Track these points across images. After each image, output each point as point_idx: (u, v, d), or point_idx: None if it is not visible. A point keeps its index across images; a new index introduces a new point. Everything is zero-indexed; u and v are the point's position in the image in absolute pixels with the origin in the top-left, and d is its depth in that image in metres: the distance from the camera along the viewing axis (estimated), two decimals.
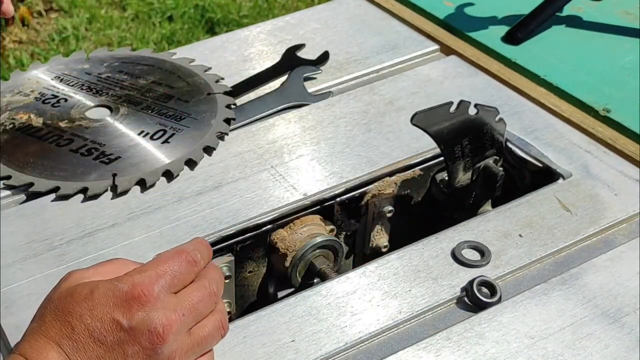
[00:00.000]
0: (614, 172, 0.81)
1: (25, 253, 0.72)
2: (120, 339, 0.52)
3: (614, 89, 0.94)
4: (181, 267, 0.55)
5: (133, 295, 0.52)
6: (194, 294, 0.55)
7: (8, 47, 2.45)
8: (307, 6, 2.53)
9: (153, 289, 0.53)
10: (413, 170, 0.84)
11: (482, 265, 0.70)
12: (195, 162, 0.82)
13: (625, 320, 0.66)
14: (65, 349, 0.52)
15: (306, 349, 0.63)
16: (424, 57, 1.02)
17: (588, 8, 1.09)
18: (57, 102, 0.89)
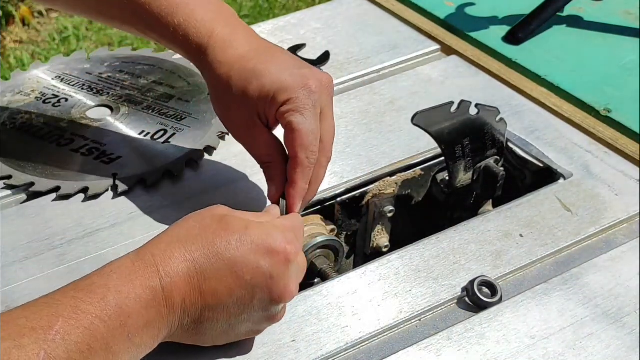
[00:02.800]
0: (615, 172, 0.81)
1: (26, 253, 0.72)
2: (256, 283, 0.57)
3: (614, 89, 0.94)
4: (302, 241, 0.64)
5: (285, 249, 0.58)
6: (302, 262, 0.61)
7: (9, 47, 2.45)
8: (307, 6, 2.53)
9: (298, 253, 0.60)
10: (414, 170, 0.84)
11: None
12: (196, 162, 0.82)
13: (626, 320, 0.66)
14: (198, 267, 0.56)
15: (307, 348, 0.63)
16: (425, 57, 1.01)
17: (589, 8, 1.09)
18: (58, 102, 0.89)
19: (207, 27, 0.71)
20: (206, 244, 0.56)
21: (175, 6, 0.71)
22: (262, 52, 0.71)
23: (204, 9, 0.72)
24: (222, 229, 0.57)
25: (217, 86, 0.71)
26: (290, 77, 0.68)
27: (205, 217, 0.58)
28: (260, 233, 0.57)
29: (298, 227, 0.63)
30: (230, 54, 0.70)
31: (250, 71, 0.69)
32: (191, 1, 0.72)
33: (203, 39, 0.71)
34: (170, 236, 0.58)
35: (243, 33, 0.72)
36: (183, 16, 0.71)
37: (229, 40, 0.71)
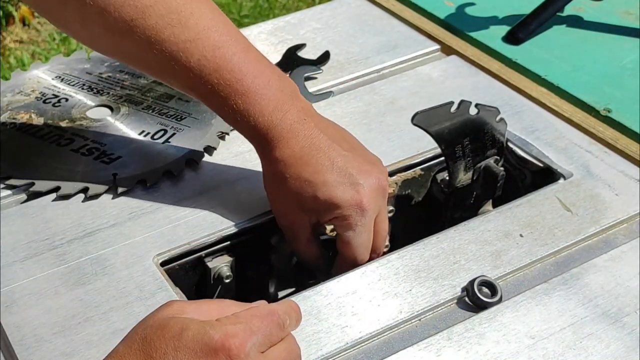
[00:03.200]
0: (615, 172, 0.81)
1: (26, 253, 0.72)
2: None
3: (614, 89, 0.94)
4: (272, 329, 0.54)
5: (223, 346, 0.50)
6: (282, 355, 0.54)
7: (9, 47, 2.45)
8: (307, 6, 2.53)
9: (245, 345, 0.51)
10: (414, 170, 0.84)
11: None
12: (196, 162, 0.82)
13: (626, 320, 0.66)
14: None
15: (306, 348, 0.63)
16: (425, 57, 1.01)
17: (589, 8, 1.09)
18: (58, 102, 0.89)
19: (267, 120, 0.70)
20: (147, 357, 0.51)
21: (235, 92, 0.70)
22: (319, 153, 0.70)
23: (265, 99, 0.70)
24: (158, 337, 0.51)
25: (272, 178, 0.72)
26: (344, 194, 0.69)
27: (146, 327, 0.53)
28: (194, 334, 0.51)
29: (257, 316, 0.54)
30: (287, 154, 0.70)
31: (306, 182, 0.69)
32: (252, 87, 0.70)
33: (261, 130, 0.70)
34: (114, 357, 0.53)
35: (301, 125, 0.71)
36: (242, 103, 0.70)
37: (285, 138, 0.70)
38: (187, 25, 0.69)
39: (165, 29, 0.69)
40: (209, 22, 0.70)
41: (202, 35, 0.69)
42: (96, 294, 0.68)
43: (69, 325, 0.65)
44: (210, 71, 0.69)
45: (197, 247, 0.74)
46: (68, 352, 0.63)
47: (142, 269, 0.70)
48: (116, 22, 0.69)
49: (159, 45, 0.69)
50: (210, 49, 0.69)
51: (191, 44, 0.69)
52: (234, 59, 0.70)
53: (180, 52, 0.69)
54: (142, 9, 0.68)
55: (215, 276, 0.75)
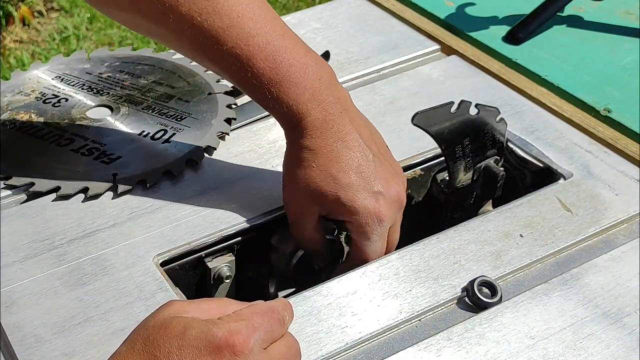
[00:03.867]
0: (615, 172, 0.81)
1: (26, 253, 0.72)
2: None
3: (614, 89, 0.94)
4: (273, 324, 0.54)
5: (227, 343, 0.51)
6: (283, 351, 0.55)
7: (9, 47, 2.45)
8: (307, 6, 2.53)
9: (249, 341, 0.51)
10: (414, 170, 0.84)
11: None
12: (196, 162, 0.82)
13: (626, 321, 0.66)
14: None
15: (307, 349, 0.63)
16: (425, 57, 1.01)
17: (589, 8, 1.09)
18: (58, 102, 0.89)
19: (301, 109, 0.69)
20: (151, 356, 0.51)
21: (268, 81, 0.69)
22: (349, 152, 0.70)
23: (300, 87, 0.69)
24: (161, 337, 0.52)
25: (295, 162, 0.71)
26: (364, 201, 0.69)
27: (148, 327, 0.53)
28: (198, 332, 0.51)
29: (258, 313, 0.54)
30: (318, 144, 0.70)
31: (331, 177, 0.69)
32: (286, 76, 0.69)
33: (294, 117, 0.70)
34: (117, 358, 0.53)
35: (336, 118, 0.70)
36: (277, 92, 0.69)
37: (319, 129, 0.69)
38: (221, 13, 0.68)
39: (198, 16, 0.68)
40: (244, 8, 0.69)
41: (235, 23, 0.68)
42: (96, 294, 0.68)
43: (69, 326, 0.65)
44: (244, 59, 0.68)
45: (197, 247, 0.74)
46: (68, 352, 0.63)
47: (142, 269, 0.70)
48: (150, 9, 0.68)
49: (192, 32, 0.68)
50: (244, 37, 0.68)
51: (224, 31, 0.68)
52: (268, 48, 0.69)
53: (214, 39, 0.68)
54: None
55: (215, 276, 0.75)
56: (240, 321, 0.52)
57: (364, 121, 0.74)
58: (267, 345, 0.53)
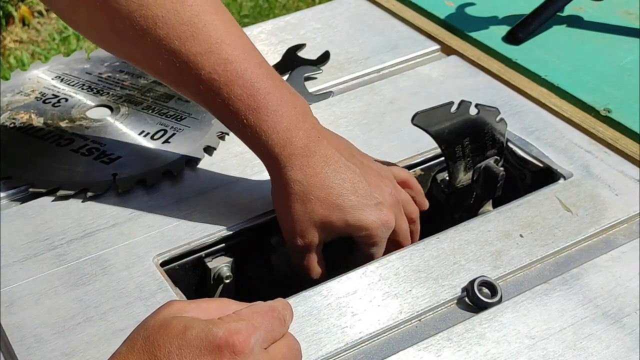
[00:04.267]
0: (615, 172, 0.81)
1: (26, 253, 0.72)
2: None
3: (614, 89, 0.94)
4: (274, 324, 0.54)
5: (227, 342, 0.50)
6: (284, 351, 0.54)
7: (9, 47, 2.45)
8: (307, 6, 2.53)
9: (249, 341, 0.51)
10: (414, 171, 0.84)
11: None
12: (196, 162, 0.82)
13: (626, 321, 0.66)
14: None
15: (306, 349, 0.63)
16: (425, 57, 1.01)
17: (589, 8, 1.09)
18: (58, 102, 0.89)
19: (281, 137, 0.69)
20: (151, 356, 0.51)
21: (246, 107, 0.68)
22: (339, 174, 0.70)
23: (277, 115, 0.69)
24: (161, 337, 0.51)
25: (290, 198, 0.70)
26: (371, 216, 0.70)
27: (148, 327, 0.53)
28: (198, 332, 0.51)
29: (258, 313, 0.54)
30: (308, 174, 0.69)
31: (333, 205, 0.69)
32: (264, 103, 0.68)
33: (274, 147, 0.69)
34: (117, 358, 0.53)
35: (316, 144, 0.70)
36: (254, 119, 0.68)
37: (303, 158, 0.69)
38: (199, 38, 0.67)
39: (176, 40, 0.67)
40: (222, 34, 0.68)
41: (213, 49, 0.68)
42: (96, 295, 0.68)
43: (69, 326, 0.65)
44: (221, 85, 0.68)
45: (197, 247, 0.74)
46: (68, 353, 0.63)
47: (142, 269, 0.70)
48: (126, 31, 0.67)
49: (169, 56, 0.68)
50: (222, 62, 0.68)
51: (202, 57, 0.67)
52: (246, 74, 0.68)
53: (191, 65, 0.68)
54: (153, 19, 0.66)
55: (215, 276, 0.75)
56: (240, 321, 0.52)
57: (336, 138, 0.74)
58: (267, 345, 0.53)
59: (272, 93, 0.69)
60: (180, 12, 0.67)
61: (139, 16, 0.66)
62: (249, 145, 0.71)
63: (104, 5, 0.66)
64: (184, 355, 0.50)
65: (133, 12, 0.66)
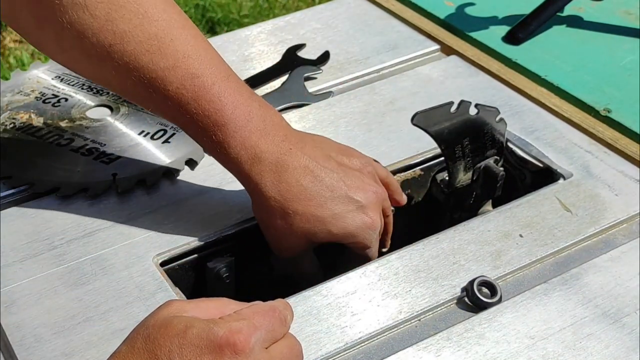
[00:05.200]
0: (615, 172, 0.81)
1: (26, 253, 0.72)
2: None
3: (614, 89, 0.94)
4: (274, 324, 0.54)
5: (228, 342, 0.50)
6: (284, 351, 0.54)
7: (8, 47, 2.45)
8: (307, 6, 2.53)
9: (250, 340, 0.51)
10: (413, 170, 0.84)
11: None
12: (196, 162, 0.82)
13: (625, 321, 0.66)
14: None
15: (306, 349, 0.63)
16: (425, 57, 1.01)
17: (589, 8, 1.09)
18: (58, 102, 0.89)
19: (250, 154, 0.68)
20: (152, 355, 0.51)
21: (214, 123, 0.67)
22: (315, 184, 0.69)
23: (245, 130, 0.68)
24: (162, 336, 0.51)
25: (271, 215, 0.69)
26: (354, 221, 0.70)
27: (148, 326, 0.53)
28: (199, 332, 0.51)
29: (259, 312, 0.54)
30: (283, 189, 0.68)
31: (314, 217, 0.69)
32: (232, 118, 0.67)
33: (245, 163, 0.68)
34: (117, 357, 0.53)
35: (289, 157, 0.69)
36: (222, 135, 0.68)
37: (276, 172, 0.68)
38: (166, 53, 0.67)
39: (143, 56, 0.66)
40: (189, 48, 0.67)
41: (180, 63, 0.67)
42: (96, 294, 0.68)
43: (69, 326, 0.65)
44: (189, 100, 0.67)
45: (197, 247, 0.74)
46: (68, 352, 0.63)
47: (142, 269, 0.70)
48: (94, 47, 0.66)
49: (137, 72, 0.67)
50: (189, 77, 0.67)
51: (169, 71, 0.67)
52: (214, 89, 0.67)
53: (159, 80, 0.67)
54: (120, 35, 0.66)
55: (214, 276, 0.75)
56: (241, 320, 0.52)
57: (312, 142, 0.72)
58: (268, 344, 0.53)
59: (239, 107, 0.68)
60: (146, 27, 0.66)
61: (107, 31, 0.65)
62: (220, 162, 0.70)
63: (71, 23, 0.65)
64: (185, 354, 0.50)
65: (100, 28, 0.65)
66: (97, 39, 0.66)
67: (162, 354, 0.50)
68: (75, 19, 0.65)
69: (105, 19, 0.65)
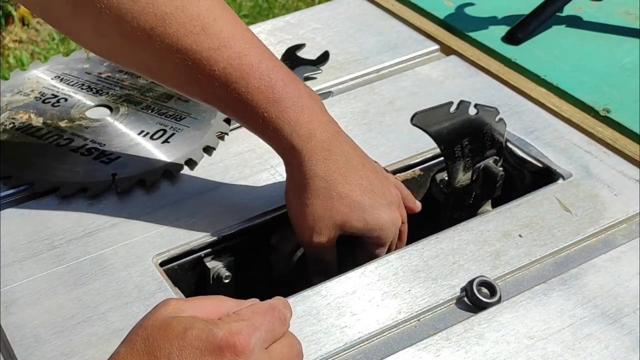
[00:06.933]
0: (614, 172, 0.81)
1: (25, 253, 0.72)
2: None
3: (614, 89, 0.94)
4: (274, 323, 0.54)
5: (228, 343, 0.50)
6: (284, 351, 0.54)
7: (8, 47, 2.45)
8: (307, 6, 2.53)
9: (249, 341, 0.51)
10: (413, 170, 0.84)
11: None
12: (195, 162, 0.82)
13: (625, 321, 0.66)
14: None
15: (306, 349, 0.63)
16: (424, 57, 1.01)
17: (588, 8, 1.09)
18: (57, 102, 0.89)
19: (304, 130, 0.67)
20: (151, 357, 0.50)
21: (266, 100, 0.67)
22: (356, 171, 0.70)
23: (298, 106, 0.67)
24: (161, 337, 0.51)
25: (310, 193, 0.69)
26: (385, 215, 0.71)
27: (147, 327, 0.52)
28: (199, 333, 0.50)
29: (259, 312, 0.54)
30: (331, 169, 0.68)
31: (356, 203, 0.69)
32: (283, 94, 0.67)
33: (298, 140, 0.67)
34: (116, 359, 0.52)
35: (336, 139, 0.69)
36: (275, 111, 0.67)
37: (326, 152, 0.68)
38: (210, 33, 0.66)
39: (186, 37, 0.65)
40: (233, 28, 0.67)
41: (226, 43, 0.66)
42: (95, 294, 0.68)
43: (68, 326, 0.65)
44: (237, 79, 0.66)
45: (197, 247, 0.74)
46: (67, 352, 0.63)
47: (142, 269, 0.70)
48: (134, 31, 0.65)
49: (181, 54, 0.66)
50: (236, 56, 0.66)
51: (215, 52, 0.66)
52: (261, 67, 0.67)
53: (204, 61, 0.66)
54: (161, 17, 0.65)
55: (214, 276, 0.75)
56: (241, 321, 0.52)
57: (344, 135, 0.73)
58: (268, 344, 0.53)
59: (289, 85, 0.68)
60: (188, 8, 0.65)
61: (147, 14, 0.64)
62: (267, 139, 0.70)
63: (110, 8, 0.65)
64: (185, 356, 0.50)
65: (141, 12, 0.64)
66: (137, 23, 0.65)
67: (162, 356, 0.50)
68: (114, 3, 0.64)
69: (145, 2, 0.64)
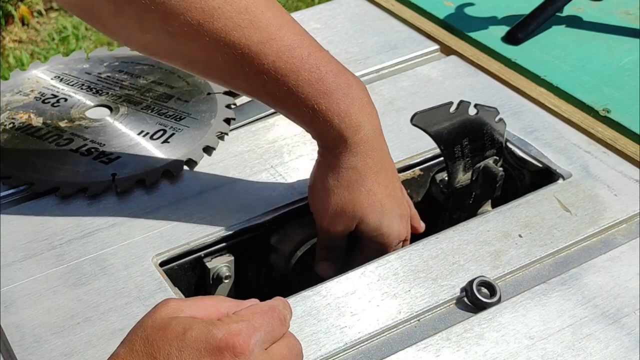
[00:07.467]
0: (614, 172, 0.81)
1: (25, 253, 0.72)
2: None
3: (614, 89, 0.94)
4: (274, 324, 0.54)
5: (227, 344, 0.50)
6: (284, 352, 0.54)
7: (8, 47, 2.45)
8: (307, 6, 2.53)
9: (249, 342, 0.51)
10: (413, 171, 0.84)
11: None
12: (195, 162, 0.82)
13: (625, 321, 0.66)
14: None
15: (306, 349, 0.63)
16: (424, 57, 1.02)
17: (588, 8, 1.09)
18: (57, 102, 0.89)
19: (354, 121, 0.67)
20: (151, 358, 0.50)
21: (317, 92, 0.66)
22: (387, 173, 0.71)
23: (349, 98, 0.67)
24: (161, 338, 0.51)
25: (341, 183, 0.69)
26: (396, 225, 0.72)
27: (146, 328, 0.52)
28: (198, 334, 0.50)
29: (258, 313, 0.54)
30: (368, 164, 0.69)
31: (378, 203, 0.70)
32: (334, 86, 0.67)
33: (347, 132, 0.68)
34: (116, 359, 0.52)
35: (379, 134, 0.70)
36: (326, 103, 0.66)
37: (369, 145, 0.68)
38: (259, 26, 0.65)
39: (235, 31, 0.65)
40: (280, 20, 0.66)
41: (275, 36, 0.66)
42: (95, 294, 0.68)
43: (68, 326, 0.65)
44: (287, 72, 0.66)
45: (197, 247, 0.74)
46: (67, 352, 0.63)
47: (141, 269, 0.71)
48: (181, 27, 0.64)
49: (229, 49, 0.65)
50: (286, 49, 0.66)
51: (264, 45, 0.65)
52: (311, 59, 0.67)
53: (253, 55, 0.65)
54: (209, 12, 0.64)
55: (214, 276, 0.75)
56: (240, 322, 0.52)
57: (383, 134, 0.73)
58: (268, 345, 0.53)
59: (339, 76, 0.67)
60: (236, 1, 0.65)
61: (195, 9, 0.64)
62: (313, 130, 0.69)
63: (156, 4, 0.64)
64: (184, 356, 0.50)
65: (188, 7, 0.64)
66: (184, 18, 0.64)
67: (161, 357, 0.50)
68: (160, 0, 0.64)
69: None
